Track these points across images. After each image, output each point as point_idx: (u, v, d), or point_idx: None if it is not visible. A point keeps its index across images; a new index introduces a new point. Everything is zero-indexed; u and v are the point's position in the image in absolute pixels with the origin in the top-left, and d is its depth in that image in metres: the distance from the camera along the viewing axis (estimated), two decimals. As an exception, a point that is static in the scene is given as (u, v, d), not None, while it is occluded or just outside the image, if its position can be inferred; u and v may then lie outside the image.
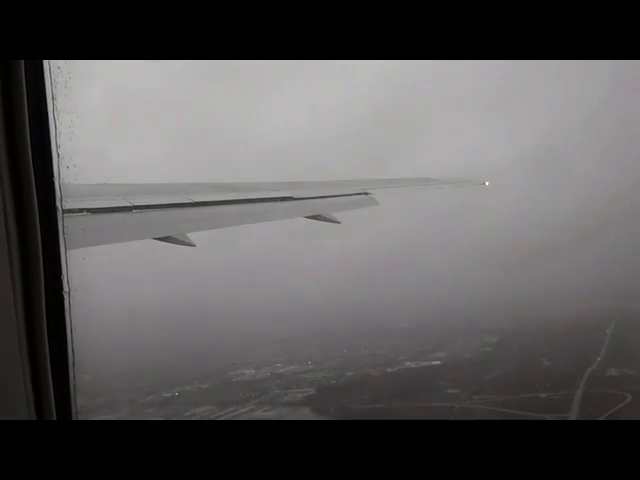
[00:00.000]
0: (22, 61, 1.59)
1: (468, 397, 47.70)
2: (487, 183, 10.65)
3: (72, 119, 1.90)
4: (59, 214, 1.75)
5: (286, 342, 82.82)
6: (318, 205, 7.00)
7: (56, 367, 1.74)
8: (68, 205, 1.84)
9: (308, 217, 6.71)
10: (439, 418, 46.11)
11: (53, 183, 1.73)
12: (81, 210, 4.16)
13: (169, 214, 5.30)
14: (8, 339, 1.59)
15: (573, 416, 38.57)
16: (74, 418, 1.85)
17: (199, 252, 5.37)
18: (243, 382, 65.04)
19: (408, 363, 63.94)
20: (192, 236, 5.14)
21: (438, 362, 62.36)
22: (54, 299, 1.73)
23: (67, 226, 1.80)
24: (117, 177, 5.94)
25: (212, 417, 51.20)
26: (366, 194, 7.87)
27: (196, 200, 5.64)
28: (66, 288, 1.77)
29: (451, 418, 42.77)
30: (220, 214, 5.93)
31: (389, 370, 62.25)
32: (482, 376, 53.81)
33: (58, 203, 1.74)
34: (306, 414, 48.99)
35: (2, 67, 1.54)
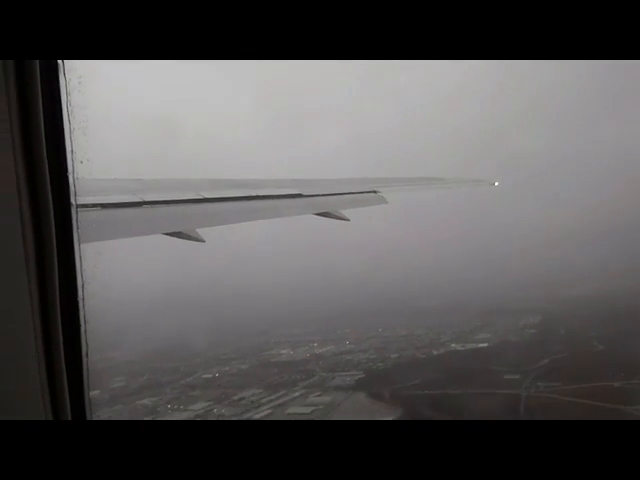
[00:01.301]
0: (37, 60, 1.62)
1: (532, 385, 46.15)
2: (497, 183, 10.61)
3: (86, 115, 1.91)
4: (73, 209, 1.75)
5: (316, 321, 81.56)
6: (327, 202, 7.03)
7: (70, 366, 1.72)
8: (81, 200, 1.83)
9: (317, 214, 6.72)
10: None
11: (67, 178, 1.74)
12: (94, 205, 4.21)
13: (179, 210, 5.34)
14: (24, 338, 1.59)
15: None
16: (89, 418, 1.82)
17: (210, 247, 5.39)
18: (283, 363, 63.71)
19: (454, 345, 62.45)
20: (201, 232, 5.17)
21: (485, 344, 60.77)
22: (68, 293, 1.73)
23: (80, 221, 1.80)
24: (130, 172, 6.03)
25: (263, 401, 49.93)
26: (375, 192, 7.87)
27: (206, 196, 5.65)
28: (80, 281, 1.77)
29: (522, 407, 41.41)
30: (230, 210, 5.94)
31: (435, 353, 60.81)
32: (537, 361, 52.30)
33: (72, 198, 1.75)
34: (361, 400, 47.67)
35: (17, 66, 1.58)
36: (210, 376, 60.36)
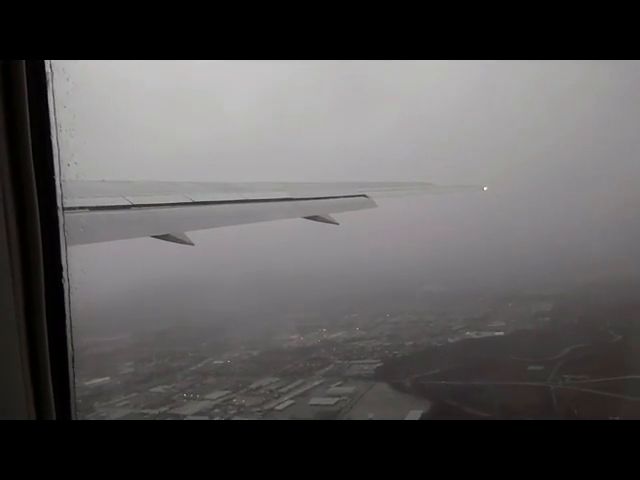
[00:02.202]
0: (23, 60, 1.60)
1: (558, 377, 45.55)
2: (485, 188, 10.65)
3: (73, 116, 1.89)
4: (59, 212, 1.74)
5: (320, 305, 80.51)
6: (317, 206, 7.01)
7: (56, 366, 1.71)
8: (68, 203, 1.80)
9: (307, 218, 6.71)
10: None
11: (54, 181, 1.73)
12: (81, 208, 4.18)
13: (167, 212, 5.33)
14: (8, 338, 1.59)
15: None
16: (73, 418, 1.80)
17: (200, 249, 5.44)
18: (295, 349, 62.64)
19: (468, 333, 61.82)
20: (190, 235, 5.21)
21: (501, 333, 60.22)
22: (54, 297, 1.72)
23: (67, 224, 1.78)
24: (117, 174, 5.98)
25: (283, 390, 48.83)
26: (365, 196, 7.86)
27: (195, 199, 5.67)
28: (66, 285, 1.75)
29: (554, 401, 40.81)
30: (219, 213, 5.94)
31: (451, 340, 60.17)
32: (557, 351, 51.81)
33: (59, 201, 1.74)
34: (385, 390, 46.80)
35: (3, 66, 1.56)
36: (221, 362, 59.07)
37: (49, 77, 1.71)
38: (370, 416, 39.65)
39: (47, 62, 1.71)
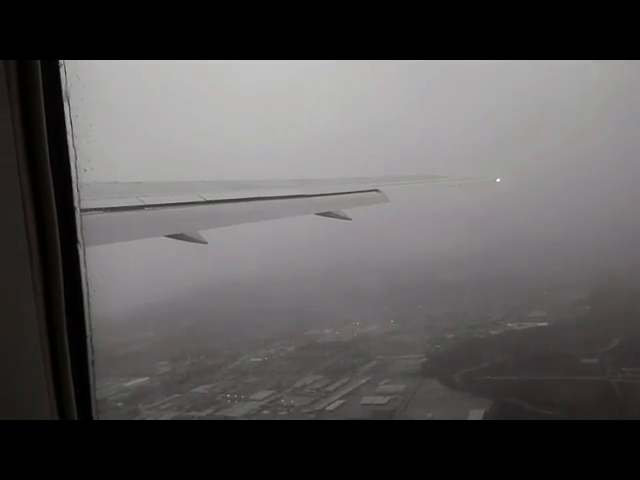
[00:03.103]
0: (38, 61, 1.61)
1: (617, 370, 44.19)
2: (498, 180, 10.50)
3: (90, 121, 1.88)
4: (77, 214, 1.76)
5: (346, 298, 79.17)
6: (329, 202, 6.91)
7: (77, 367, 1.73)
8: (84, 205, 1.83)
9: (319, 214, 6.63)
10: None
11: (71, 184, 1.74)
12: (97, 209, 4.21)
13: (180, 212, 5.29)
14: (29, 340, 1.61)
15: None
16: (95, 418, 1.83)
17: (213, 248, 5.33)
18: (331, 344, 61.35)
19: (510, 324, 60.37)
20: (203, 233, 5.18)
21: (545, 323, 58.76)
22: (74, 298, 1.73)
23: (84, 225, 1.80)
24: (131, 176, 5.86)
25: (329, 389, 47.60)
26: (377, 191, 7.73)
27: (207, 198, 5.60)
28: (85, 286, 1.76)
29: (620, 396, 39.47)
30: (231, 212, 5.86)
31: (493, 332, 58.75)
32: (606, 342, 50.35)
33: (76, 203, 1.75)
34: (436, 388, 45.55)
35: (19, 67, 1.57)
36: (259, 360, 57.86)
37: (64, 78, 1.68)
38: (429, 416, 38.44)
39: (63, 63, 1.67)
